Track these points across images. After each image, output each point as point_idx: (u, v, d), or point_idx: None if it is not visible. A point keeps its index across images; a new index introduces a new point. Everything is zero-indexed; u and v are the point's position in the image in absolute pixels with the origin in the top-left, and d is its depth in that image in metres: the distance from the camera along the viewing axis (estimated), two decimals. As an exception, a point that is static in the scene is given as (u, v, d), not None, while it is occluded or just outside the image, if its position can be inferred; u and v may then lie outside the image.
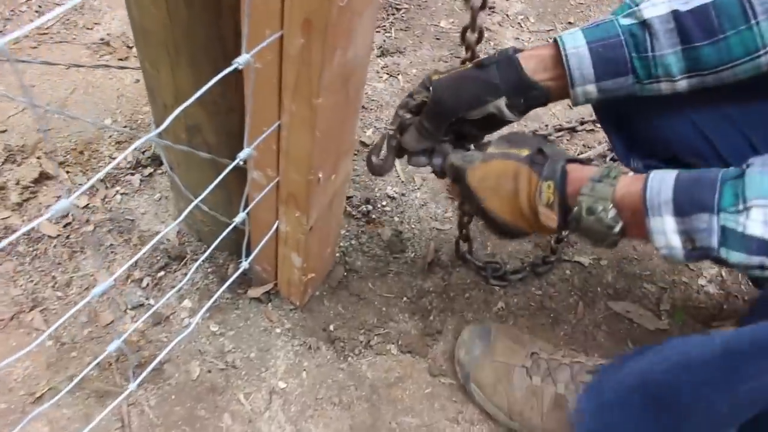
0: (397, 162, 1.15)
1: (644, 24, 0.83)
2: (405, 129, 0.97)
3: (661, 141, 0.97)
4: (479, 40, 1.06)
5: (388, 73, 1.67)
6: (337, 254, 1.27)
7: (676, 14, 0.81)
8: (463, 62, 1.01)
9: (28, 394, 1.04)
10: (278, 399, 1.08)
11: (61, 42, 1.59)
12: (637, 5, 0.85)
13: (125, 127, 1.42)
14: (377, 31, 1.78)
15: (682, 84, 0.86)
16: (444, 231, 1.35)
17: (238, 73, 0.88)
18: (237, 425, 1.04)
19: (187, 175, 1.10)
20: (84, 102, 1.48)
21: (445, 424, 1.08)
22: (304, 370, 1.11)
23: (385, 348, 1.15)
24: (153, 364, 0.78)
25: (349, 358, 1.13)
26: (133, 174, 1.36)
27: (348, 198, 1.36)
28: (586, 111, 1.59)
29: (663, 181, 0.72)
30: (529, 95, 0.90)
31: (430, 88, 0.93)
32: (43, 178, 1.32)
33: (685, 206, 0.70)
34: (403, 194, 1.41)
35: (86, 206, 1.29)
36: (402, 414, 1.08)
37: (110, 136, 1.40)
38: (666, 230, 0.71)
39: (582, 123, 1.59)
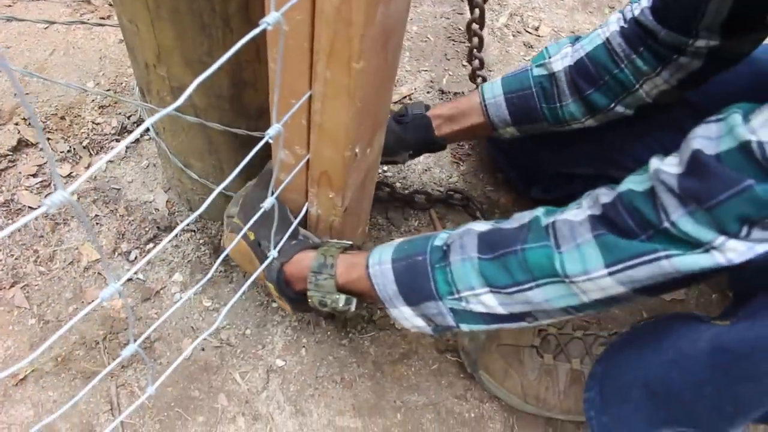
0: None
1: (552, 76, 0.98)
2: None
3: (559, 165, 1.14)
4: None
5: (386, 31, 1.57)
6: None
7: (569, 68, 0.96)
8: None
9: (11, 375, 0.98)
10: (276, 378, 1.02)
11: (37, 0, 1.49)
12: (550, 56, 0.99)
13: (108, 90, 1.34)
14: (375, -14, 1.68)
15: (589, 122, 1.00)
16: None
17: (225, 28, 0.80)
18: (233, 406, 0.98)
19: (174, 140, 1.03)
20: (64, 64, 1.39)
21: (453, 402, 1.03)
22: (303, 346, 1.05)
23: (389, 323, 1.09)
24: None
25: (351, 334, 1.07)
26: (118, 140, 1.29)
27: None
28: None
29: (384, 275, 0.78)
30: (431, 148, 1.12)
31: None
32: (22, 145, 1.24)
33: (412, 297, 0.76)
34: (404, 159, 1.33)
35: (69, 175, 1.22)
36: (407, 392, 1.03)
37: (93, 100, 1.32)
38: (406, 316, 0.78)
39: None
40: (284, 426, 0.97)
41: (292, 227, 0.87)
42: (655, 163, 0.65)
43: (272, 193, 0.73)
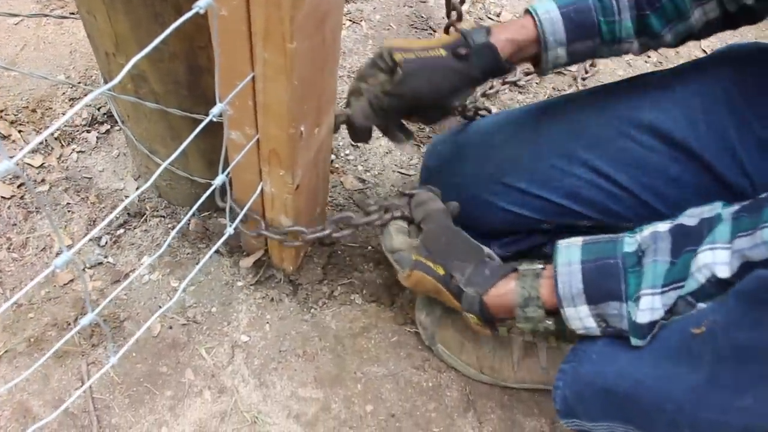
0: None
1: None
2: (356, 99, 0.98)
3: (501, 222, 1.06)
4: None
5: (350, 20, 1.62)
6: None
7: None
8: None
9: (-15, 356, 1.02)
10: (241, 352, 1.06)
11: (8, -4, 1.53)
12: None
13: (79, 83, 1.37)
14: (341, -22, 1.72)
15: (635, 45, 0.98)
16: (409, 177, 1.32)
17: (176, 16, 0.84)
18: (199, 380, 1.03)
19: (139, 127, 1.07)
20: (35, 58, 1.42)
21: (412, 372, 1.07)
22: (267, 322, 1.10)
23: (350, 298, 1.14)
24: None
25: (313, 310, 1.12)
26: (89, 131, 1.32)
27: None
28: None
29: (571, 274, 0.79)
30: (497, 74, 0.98)
31: (399, 70, 0.92)
32: (-5, 138, 1.28)
33: (596, 295, 0.77)
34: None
35: (41, 166, 1.25)
36: (367, 363, 1.07)
37: (63, 93, 1.36)
38: (581, 316, 0.79)
39: (527, 74, 1.54)
40: (249, 398, 1.02)
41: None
42: None
43: (223, 170, 0.78)
